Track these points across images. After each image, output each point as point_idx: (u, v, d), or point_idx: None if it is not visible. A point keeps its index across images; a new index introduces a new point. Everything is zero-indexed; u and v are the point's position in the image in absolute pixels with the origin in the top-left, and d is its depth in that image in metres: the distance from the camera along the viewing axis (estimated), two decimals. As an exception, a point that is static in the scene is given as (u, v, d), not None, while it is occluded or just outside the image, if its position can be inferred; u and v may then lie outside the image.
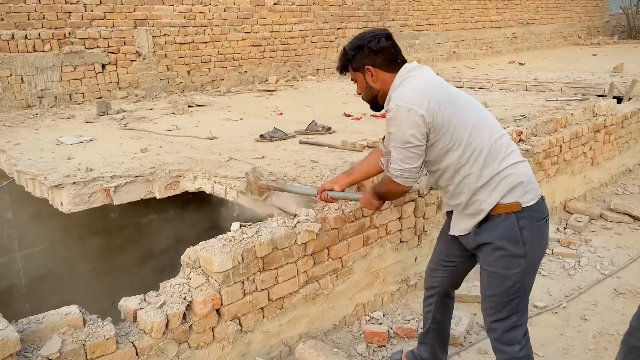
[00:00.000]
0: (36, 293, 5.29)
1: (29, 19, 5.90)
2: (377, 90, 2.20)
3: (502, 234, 2.05)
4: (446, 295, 2.45)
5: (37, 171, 3.53)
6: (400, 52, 2.20)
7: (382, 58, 2.15)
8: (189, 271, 2.45)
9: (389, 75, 2.16)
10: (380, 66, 2.16)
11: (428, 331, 2.51)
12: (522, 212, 2.04)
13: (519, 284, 2.09)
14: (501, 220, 2.06)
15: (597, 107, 5.23)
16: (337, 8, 9.15)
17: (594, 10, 16.22)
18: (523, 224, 2.03)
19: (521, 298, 2.12)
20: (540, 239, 2.10)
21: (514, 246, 2.04)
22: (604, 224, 4.56)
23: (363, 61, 2.17)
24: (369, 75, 2.18)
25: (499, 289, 2.12)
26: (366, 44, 2.14)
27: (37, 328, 2.03)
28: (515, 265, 2.06)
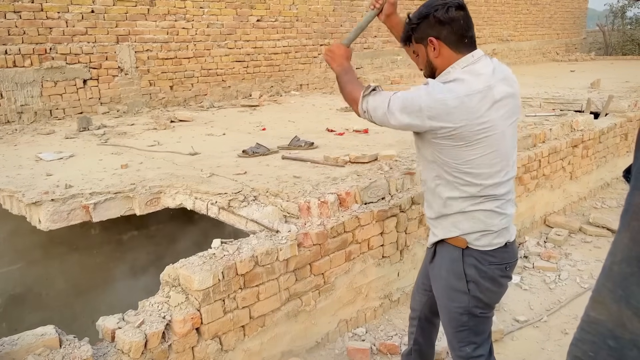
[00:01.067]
0: (13, 312, 5.17)
1: (9, 34, 5.84)
2: (437, 67, 1.94)
3: (447, 265, 2.01)
4: (427, 320, 2.39)
5: (14, 188, 3.47)
6: (472, 27, 1.93)
7: (449, 31, 1.87)
8: (168, 289, 2.42)
9: (453, 54, 1.89)
10: (445, 40, 1.88)
11: (410, 352, 2.50)
12: (469, 250, 1.96)
13: (465, 318, 2.01)
14: (449, 250, 2.01)
15: (574, 123, 5.33)
16: (320, 25, 9.24)
17: (571, 28, 16.61)
18: (469, 262, 1.95)
19: (472, 331, 2.03)
20: (492, 283, 1.97)
21: (456, 280, 1.98)
22: (584, 237, 4.63)
23: (427, 32, 1.90)
24: (431, 49, 1.91)
25: (445, 318, 2.09)
26: (432, 12, 1.87)
27: (12, 350, 1.98)
28: (457, 300, 1.99)
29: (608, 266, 1.05)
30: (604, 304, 1.04)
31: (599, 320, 1.04)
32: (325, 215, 2.98)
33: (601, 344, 1.03)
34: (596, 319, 1.05)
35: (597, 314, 1.05)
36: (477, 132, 1.82)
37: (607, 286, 1.04)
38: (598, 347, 1.04)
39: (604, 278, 1.05)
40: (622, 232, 1.02)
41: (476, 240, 1.94)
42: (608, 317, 1.02)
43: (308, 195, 3.08)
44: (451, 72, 1.88)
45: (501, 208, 1.94)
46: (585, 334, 1.07)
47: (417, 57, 2.02)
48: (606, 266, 1.05)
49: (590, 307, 1.07)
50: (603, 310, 1.04)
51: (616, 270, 1.02)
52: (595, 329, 1.05)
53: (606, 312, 1.03)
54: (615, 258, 1.03)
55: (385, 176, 3.40)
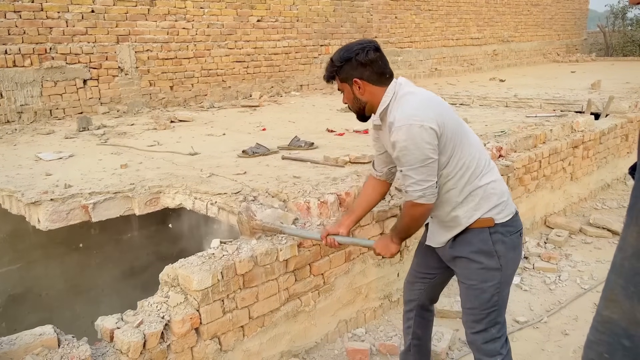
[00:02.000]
0: (13, 312, 5.16)
1: (9, 34, 5.84)
2: (365, 102, 2.15)
3: (477, 248, 2.09)
4: (425, 308, 2.45)
5: (14, 187, 3.47)
6: (388, 64, 2.16)
7: (370, 71, 2.09)
8: (167, 289, 2.41)
9: (377, 89, 2.12)
10: (368, 79, 2.10)
11: (409, 348, 2.50)
12: (495, 227, 2.08)
13: (496, 297, 2.12)
14: (475, 234, 2.09)
15: (575, 124, 5.33)
16: (321, 25, 9.24)
17: (572, 29, 16.61)
18: (496, 238, 2.08)
19: (499, 310, 2.15)
20: (514, 252, 2.13)
21: (488, 259, 2.08)
22: (584, 238, 4.62)
23: (351, 73, 2.11)
24: (357, 88, 2.12)
25: (476, 302, 2.14)
26: (354, 57, 2.08)
27: (10, 349, 1.98)
28: (491, 278, 2.10)
29: (619, 262, 1.02)
30: (616, 302, 1.01)
31: (613, 319, 1.01)
32: (325, 215, 2.97)
33: (616, 345, 1.00)
34: (609, 317, 1.02)
35: (610, 312, 1.02)
36: (450, 117, 2.03)
37: (618, 283, 1.01)
38: (613, 348, 1.01)
39: (616, 275, 1.02)
40: (630, 227, 0.99)
41: (498, 215, 2.08)
42: (621, 316, 1.00)
43: (308, 196, 3.08)
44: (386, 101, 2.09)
45: (495, 178, 2.13)
46: (600, 335, 1.04)
47: (342, 93, 2.21)
48: (616, 263, 1.02)
49: (603, 306, 1.04)
50: (616, 309, 1.01)
51: (627, 265, 0.99)
52: (609, 329, 1.02)
53: (619, 310, 1.00)
54: (626, 253, 1.00)
55: (385, 176, 3.39)
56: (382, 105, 2.11)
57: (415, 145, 1.95)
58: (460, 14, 12.29)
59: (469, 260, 2.12)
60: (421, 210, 2.07)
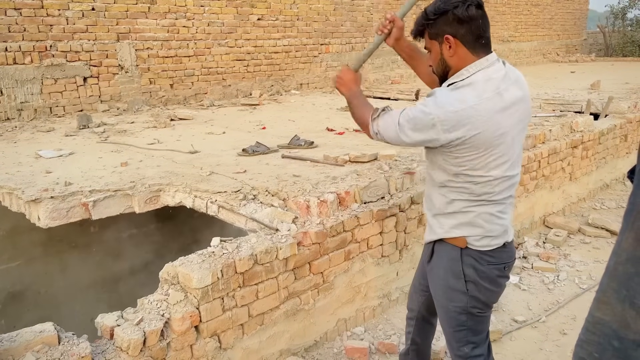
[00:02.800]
0: (12, 310, 5.17)
1: (10, 32, 5.84)
2: (451, 66, 1.89)
3: (446, 265, 2.01)
4: (425, 320, 2.40)
5: (14, 185, 3.47)
6: (488, 28, 1.87)
7: (467, 30, 1.82)
8: (167, 287, 2.42)
9: (469, 55, 1.84)
10: (462, 39, 1.83)
11: (408, 352, 2.51)
12: (467, 250, 1.96)
13: (464, 317, 2.01)
14: (446, 250, 2.01)
15: (574, 124, 5.34)
16: (321, 24, 9.23)
17: (572, 29, 16.61)
18: (467, 261, 1.96)
19: (470, 331, 2.04)
20: (490, 283, 1.97)
21: (455, 280, 1.98)
22: (583, 238, 4.63)
23: (444, 28, 1.84)
24: (447, 47, 1.85)
25: (443, 318, 2.10)
26: (452, 9, 1.81)
27: (10, 346, 1.98)
28: (456, 300, 2.00)
29: (612, 266, 1.04)
30: (608, 304, 1.03)
31: (604, 320, 1.04)
32: (325, 214, 2.98)
33: (606, 345, 1.02)
34: (601, 319, 1.04)
35: (601, 314, 1.04)
36: (490, 139, 1.80)
37: (611, 286, 1.03)
38: (603, 348, 1.03)
39: (609, 278, 1.05)
40: (626, 232, 1.01)
41: (475, 241, 1.94)
42: (612, 318, 1.02)
43: (307, 194, 3.08)
44: (464, 74, 1.85)
45: (502, 212, 1.95)
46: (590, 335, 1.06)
47: (428, 52, 1.97)
48: (610, 266, 1.05)
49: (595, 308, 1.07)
50: (608, 311, 1.03)
51: (621, 270, 1.01)
52: (600, 330, 1.04)
53: (611, 313, 1.02)
54: (620, 258, 1.02)
55: (385, 176, 3.40)
56: (456, 77, 1.86)
57: (420, 119, 1.82)
58: (460, 13, 12.28)
59: (437, 274, 2.05)
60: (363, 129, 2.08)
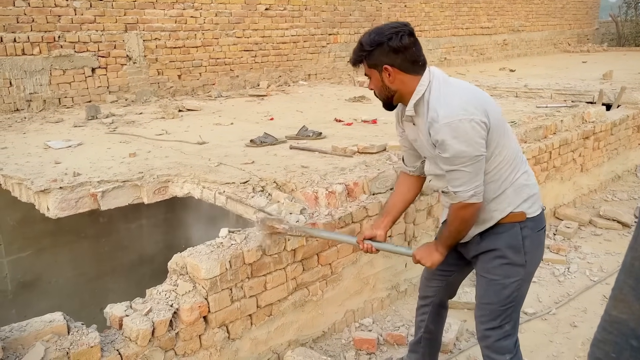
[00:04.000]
0: (23, 299, 5.22)
1: (18, 22, 5.85)
2: (394, 90, 1.99)
3: (506, 243, 2.04)
4: (441, 305, 2.43)
5: (23, 176, 3.49)
6: (422, 51, 1.98)
7: (403, 58, 1.92)
8: (175, 278, 2.42)
9: (409, 77, 1.95)
10: (399, 67, 1.94)
11: (420, 340, 2.49)
12: (526, 222, 2.03)
13: (516, 293, 2.08)
14: (505, 229, 2.04)
15: (586, 114, 5.27)
16: (329, 14, 9.17)
17: (583, 18, 16.39)
18: (525, 234, 2.03)
19: (515, 307, 2.12)
20: (539, 249, 2.10)
21: (515, 255, 2.04)
22: (594, 230, 4.58)
23: (381, 59, 1.94)
24: (386, 75, 1.96)
25: (496, 297, 2.10)
26: (386, 42, 1.90)
27: (20, 336, 1.99)
28: (515, 274, 2.05)
29: (629, 262, 1.01)
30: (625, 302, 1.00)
31: (621, 319, 1.01)
32: (333, 205, 2.96)
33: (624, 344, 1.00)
34: (618, 317, 1.01)
35: (618, 312, 1.01)
36: (494, 110, 1.93)
37: (628, 283, 1.00)
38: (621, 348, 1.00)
39: (625, 275, 1.01)
40: None
41: (530, 209, 2.03)
42: (630, 316, 0.99)
43: (316, 185, 3.07)
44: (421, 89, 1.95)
45: (529, 168, 2.10)
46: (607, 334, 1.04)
47: (369, 79, 2.06)
48: (627, 262, 1.01)
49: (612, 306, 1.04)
50: (625, 309, 1.00)
51: (637, 266, 0.98)
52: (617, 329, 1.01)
53: (628, 311, 0.99)
54: (637, 253, 0.99)
55: (393, 167, 3.38)
56: (416, 95, 1.95)
57: (467, 142, 1.82)
58: (470, 2, 12.15)
59: (495, 255, 2.06)
60: (472, 210, 1.94)
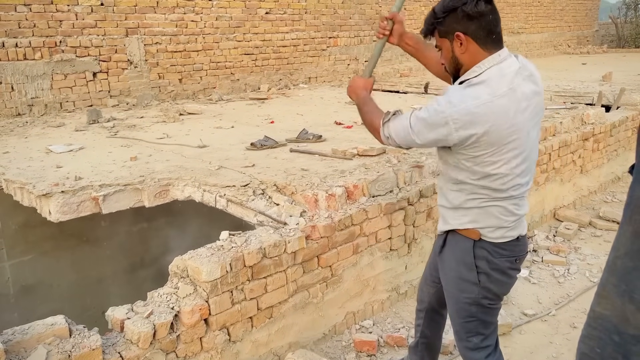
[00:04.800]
0: (25, 303, 5.23)
1: (20, 27, 5.88)
2: (463, 63, 1.87)
3: (459, 256, 2.01)
4: (435, 312, 2.41)
5: (25, 180, 3.51)
6: (499, 23, 1.84)
7: (477, 26, 1.80)
8: (176, 280, 2.44)
9: (480, 51, 1.82)
10: (472, 35, 1.81)
11: (417, 344, 2.51)
12: (481, 242, 1.95)
13: (474, 309, 2.02)
14: (460, 240, 2.00)
15: (585, 116, 5.28)
16: (329, 17, 9.20)
17: (583, 20, 16.41)
18: (479, 254, 1.95)
19: (480, 322, 2.06)
20: (502, 275, 1.98)
21: (467, 271, 1.99)
22: (594, 231, 4.59)
23: (453, 26, 1.82)
24: (458, 44, 1.84)
25: (453, 309, 2.10)
26: (460, 6, 1.79)
27: (22, 339, 2.01)
28: (468, 290, 2.00)
29: (611, 260, 1.04)
30: (608, 299, 1.03)
31: (604, 315, 1.03)
32: (333, 208, 2.98)
33: (607, 340, 1.02)
34: (601, 314, 1.04)
35: (602, 309, 1.04)
36: (504, 136, 1.78)
37: (611, 281, 1.03)
38: (604, 343, 1.03)
39: (608, 273, 1.04)
40: (625, 226, 1.01)
41: (489, 233, 1.94)
42: (612, 312, 1.02)
43: (316, 188, 3.08)
44: (476, 71, 1.84)
45: (517, 206, 1.94)
46: (592, 330, 1.06)
47: (439, 51, 1.96)
48: (610, 261, 1.04)
49: (596, 303, 1.07)
50: (608, 305, 1.03)
51: (619, 264, 1.01)
52: (600, 325, 1.04)
53: (611, 307, 1.02)
54: (619, 252, 1.02)
55: (393, 169, 3.39)
56: (468, 74, 1.85)
57: (431, 121, 1.82)
58: (470, 5, 12.17)
59: (449, 265, 2.06)
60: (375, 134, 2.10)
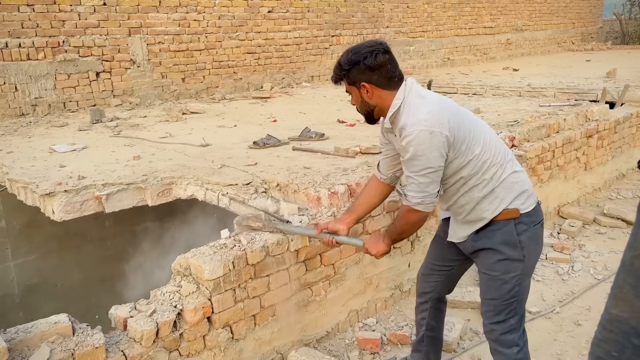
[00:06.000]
0: (30, 302, 5.26)
1: (23, 28, 5.90)
2: (374, 105, 2.12)
3: (501, 240, 2.08)
4: (440, 300, 2.46)
5: (29, 179, 3.52)
6: (397, 67, 2.10)
7: (379, 75, 2.04)
8: (179, 279, 2.44)
9: (386, 92, 2.07)
10: (376, 83, 2.06)
11: (422, 339, 2.51)
12: (520, 217, 2.07)
13: (517, 287, 2.11)
14: (500, 226, 2.08)
15: (589, 113, 5.25)
16: (332, 15, 9.19)
17: (587, 17, 16.34)
18: (520, 229, 2.07)
19: (519, 301, 2.15)
20: (537, 243, 2.13)
21: (512, 251, 2.07)
22: (598, 228, 4.57)
23: (359, 77, 2.06)
24: (365, 91, 2.09)
25: (497, 293, 2.14)
26: (362, 60, 2.02)
27: (26, 337, 2.01)
28: (514, 269, 2.09)
29: (628, 261, 1.01)
30: (626, 301, 1.00)
31: (622, 317, 1.00)
32: (336, 205, 2.98)
33: (625, 343, 0.99)
34: (618, 316, 1.01)
35: (619, 311, 1.01)
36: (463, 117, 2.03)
37: (628, 282, 1.00)
38: (622, 346, 1.00)
39: (625, 273, 1.01)
40: None
41: (523, 205, 2.07)
42: (631, 314, 0.99)
43: (318, 186, 3.08)
44: (397, 104, 2.04)
45: (518, 167, 2.13)
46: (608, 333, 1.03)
47: (349, 95, 2.17)
48: (626, 260, 1.01)
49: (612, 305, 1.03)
50: (625, 307, 1.00)
51: (637, 264, 0.98)
52: (618, 327, 1.01)
53: (629, 309, 0.99)
54: (636, 252, 0.99)
55: (396, 167, 3.38)
56: (392, 109, 2.07)
57: (423, 152, 1.94)
58: (473, 2, 12.14)
59: (492, 251, 2.11)
60: (417, 217, 2.08)
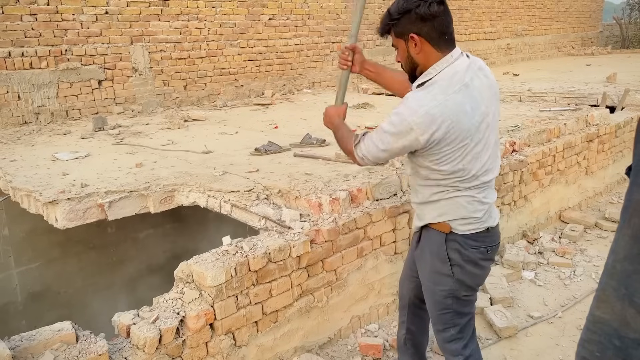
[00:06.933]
0: (33, 310, 5.27)
1: (26, 37, 5.94)
2: (418, 63, 1.94)
3: (433, 250, 2.08)
4: (416, 306, 2.43)
5: (32, 187, 3.54)
6: (451, 24, 1.91)
7: (430, 27, 1.86)
8: (182, 286, 2.45)
9: (434, 52, 1.89)
10: (426, 36, 1.87)
11: (405, 341, 2.53)
12: (452, 235, 2.02)
13: (450, 300, 2.08)
14: (434, 234, 2.07)
15: (590, 117, 5.27)
16: (332, 22, 9.23)
17: (587, 21, 16.38)
18: (451, 246, 2.02)
19: (456, 313, 2.11)
20: (474, 266, 2.04)
21: (440, 264, 2.05)
22: (599, 233, 4.57)
23: (408, 27, 1.88)
24: (412, 45, 1.90)
25: (430, 301, 2.16)
26: (414, 9, 1.84)
27: (30, 344, 2.03)
28: (442, 283, 2.07)
29: (611, 264, 1.04)
30: (608, 303, 1.03)
31: (604, 319, 1.03)
32: (337, 211, 2.99)
33: (607, 344, 1.02)
34: (601, 318, 1.04)
35: (601, 312, 1.04)
36: (465, 129, 1.86)
37: (610, 284, 1.03)
38: (604, 347, 1.03)
39: (607, 276, 1.04)
40: (623, 229, 1.01)
41: (459, 226, 2.01)
42: (612, 316, 1.01)
43: (320, 192, 3.09)
44: (431, 72, 1.91)
45: (485, 196, 2.01)
46: (591, 334, 1.06)
47: (396, 50, 2.02)
48: (609, 264, 1.05)
49: (595, 306, 1.06)
50: (607, 309, 1.03)
51: (619, 268, 1.01)
52: (600, 329, 1.04)
53: (610, 311, 1.02)
54: (618, 256, 1.02)
55: (396, 172, 3.40)
56: (422, 78, 1.93)
57: (395, 130, 1.90)
58: (472, 8, 12.19)
59: (424, 259, 2.12)
60: (351, 158, 2.17)
